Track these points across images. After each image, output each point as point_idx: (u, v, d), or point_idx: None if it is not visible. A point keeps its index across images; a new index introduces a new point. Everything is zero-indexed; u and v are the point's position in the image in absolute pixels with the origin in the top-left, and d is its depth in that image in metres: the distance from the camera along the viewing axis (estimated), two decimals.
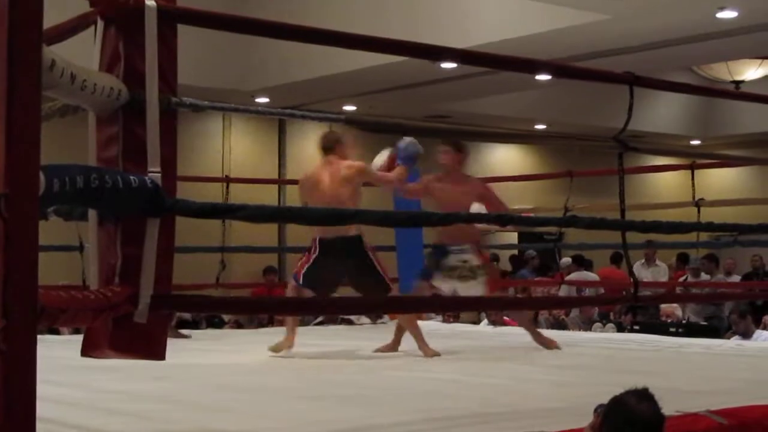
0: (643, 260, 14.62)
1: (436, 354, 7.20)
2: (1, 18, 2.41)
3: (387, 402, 5.04)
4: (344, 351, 7.76)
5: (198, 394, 5.28)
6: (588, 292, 13.32)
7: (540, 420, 4.25)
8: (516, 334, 9.60)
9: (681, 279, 13.98)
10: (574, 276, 14.29)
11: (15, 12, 2.39)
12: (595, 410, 3.58)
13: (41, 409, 2.44)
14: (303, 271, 7.25)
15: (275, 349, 7.28)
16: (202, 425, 4.36)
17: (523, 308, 12.15)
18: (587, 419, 3.57)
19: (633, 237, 6.05)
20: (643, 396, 3.29)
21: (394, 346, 7.64)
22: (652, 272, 14.49)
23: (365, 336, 8.85)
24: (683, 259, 15.52)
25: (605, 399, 3.44)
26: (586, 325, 12.77)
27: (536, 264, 16.04)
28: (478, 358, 7.36)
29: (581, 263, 15.03)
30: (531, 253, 16.03)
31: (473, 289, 7.47)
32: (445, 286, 7.57)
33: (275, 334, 8.64)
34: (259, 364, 6.79)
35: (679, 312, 13.27)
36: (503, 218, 4.60)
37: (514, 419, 4.40)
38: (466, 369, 6.51)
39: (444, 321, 11.10)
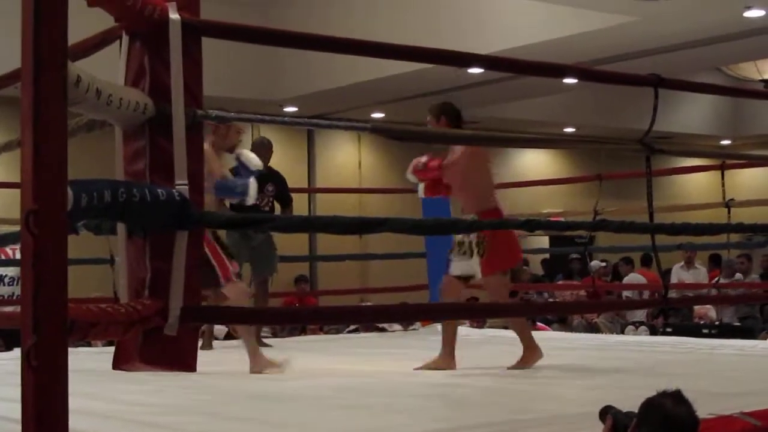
0: (682, 263, 14.56)
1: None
2: (26, 35, 2.42)
3: (419, 410, 5.03)
4: (377, 359, 7.75)
5: (232, 405, 5.28)
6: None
7: (573, 425, 4.24)
8: (547, 339, 9.58)
9: (714, 280, 13.91)
10: (627, 279, 14.35)
11: (40, 29, 2.41)
12: (602, 414, 3.57)
13: (74, 422, 2.45)
14: None
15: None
16: None
17: (553, 313, 12.15)
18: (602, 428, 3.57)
19: (665, 239, 6.02)
20: (678, 398, 3.27)
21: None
22: (692, 275, 14.42)
23: (398, 344, 8.85)
24: (715, 260, 15.45)
25: (638, 403, 3.42)
26: (615, 326, 12.74)
27: (578, 268, 16.02)
28: (509, 363, 7.34)
29: (630, 264, 15.08)
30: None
31: (469, 266, 6.75)
32: (458, 266, 6.84)
33: (307, 342, 8.66)
34: (293, 373, 6.79)
35: (712, 313, 13.21)
36: (531, 223, 4.59)
37: (546, 424, 4.39)
38: (497, 374, 6.50)
39: (470, 326, 11.06)
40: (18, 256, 11.91)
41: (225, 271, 6.63)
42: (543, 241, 19.14)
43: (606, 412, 3.56)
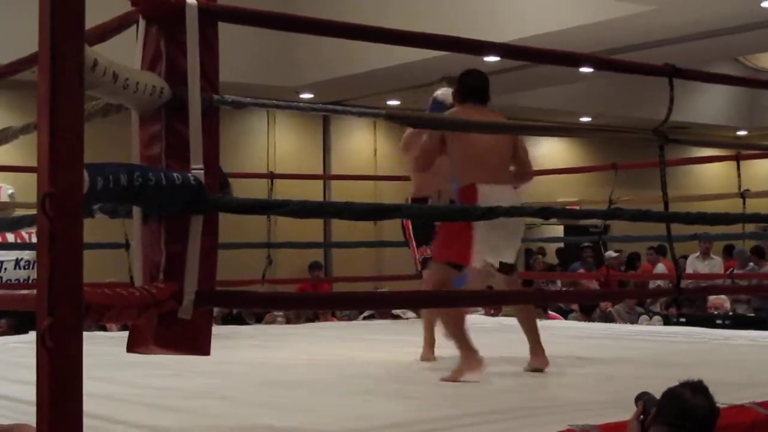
0: (698, 253, 14.53)
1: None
2: (44, 19, 2.43)
3: (432, 397, 5.05)
4: (390, 346, 7.77)
5: (245, 390, 5.30)
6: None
7: (586, 413, 4.24)
8: (560, 328, 9.59)
9: (728, 270, 13.88)
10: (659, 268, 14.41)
11: (57, 13, 2.42)
12: (637, 400, 3.57)
13: (88, 405, 2.47)
14: None
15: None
16: (251, 421, 4.39)
17: (567, 301, 12.12)
18: (633, 412, 3.56)
19: (680, 229, 6.00)
20: (698, 389, 3.28)
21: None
22: (708, 265, 14.39)
23: (412, 330, 8.84)
24: (729, 252, 15.44)
25: (651, 392, 3.43)
26: (632, 317, 12.72)
27: (590, 257, 16.00)
28: (524, 351, 7.34)
29: (663, 253, 15.08)
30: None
31: None
32: None
33: (320, 329, 8.68)
34: (305, 360, 6.81)
35: (727, 304, 13.19)
36: (546, 211, 4.58)
37: (559, 412, 4.39)
38: (511, 362, 6.50)
39: (486, 314, 11.08)
40: (34, 239, 11.98)
41: (415, 262, 6.87)
42: (558, 230, 19.14)
43: (640, 398, 3.56)
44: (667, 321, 12.09)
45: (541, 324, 9.78)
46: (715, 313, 12.55)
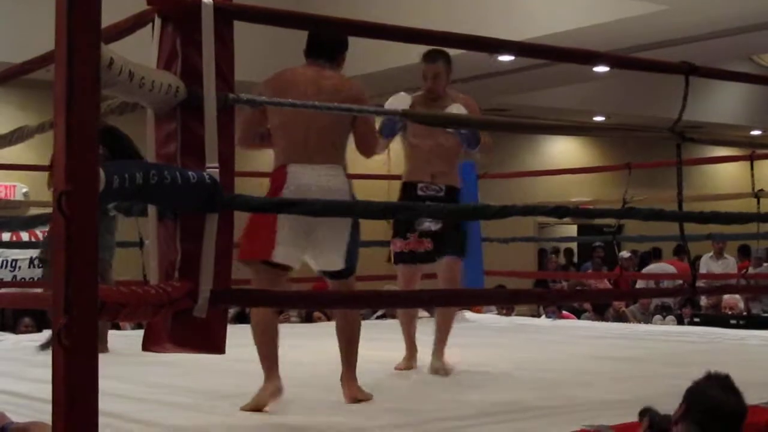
0: (711, 254, 14.49)
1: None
2: (61, 18, 2.44)
3: (446, 395, 5.04)
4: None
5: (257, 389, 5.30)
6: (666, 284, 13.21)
7: (600, 413, 4.25)
8: (574, 327, 9.58)
9: (743, 271, 13.82)
10: (652, 268, 14.31)
11: (74, 12, 2.43)
12: (641, 415, 3.56)
13: (103, 403, 2.47)
14: None
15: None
16: (264, 420, 4.40)
17: (581, 301, 12.10)
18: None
19: (694, 229, 5.99)
20: (728, 387, 3.26)
21: None
22: (722, 265, 14.34)
23: (424, 330, 8.84)
24: (744, 252, 15.38)
25: (665, 392, 3.43)
26: (646, 317, 12.69)
27: (600, 256, 15.97)
28: (537, 350, 7.35)
29: (658, 256, 15.02)
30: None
31: None
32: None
33: (332, 328, 8.66)
34: (319, 359, 6.81)
35: (741, 304, 13.14)
36: (560, 210, 4.58)
37: (573, 412, 4.39)
38: (525, 361, 6.50)
39: (498, 313, 11.07)
40: None
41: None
42: (572, 229, 19.12)
43: (645, 413, 3.56)
44: (680, 321, 12.05)
45: (555, 323, 9.84)
46: (729, 313, 12.51)
